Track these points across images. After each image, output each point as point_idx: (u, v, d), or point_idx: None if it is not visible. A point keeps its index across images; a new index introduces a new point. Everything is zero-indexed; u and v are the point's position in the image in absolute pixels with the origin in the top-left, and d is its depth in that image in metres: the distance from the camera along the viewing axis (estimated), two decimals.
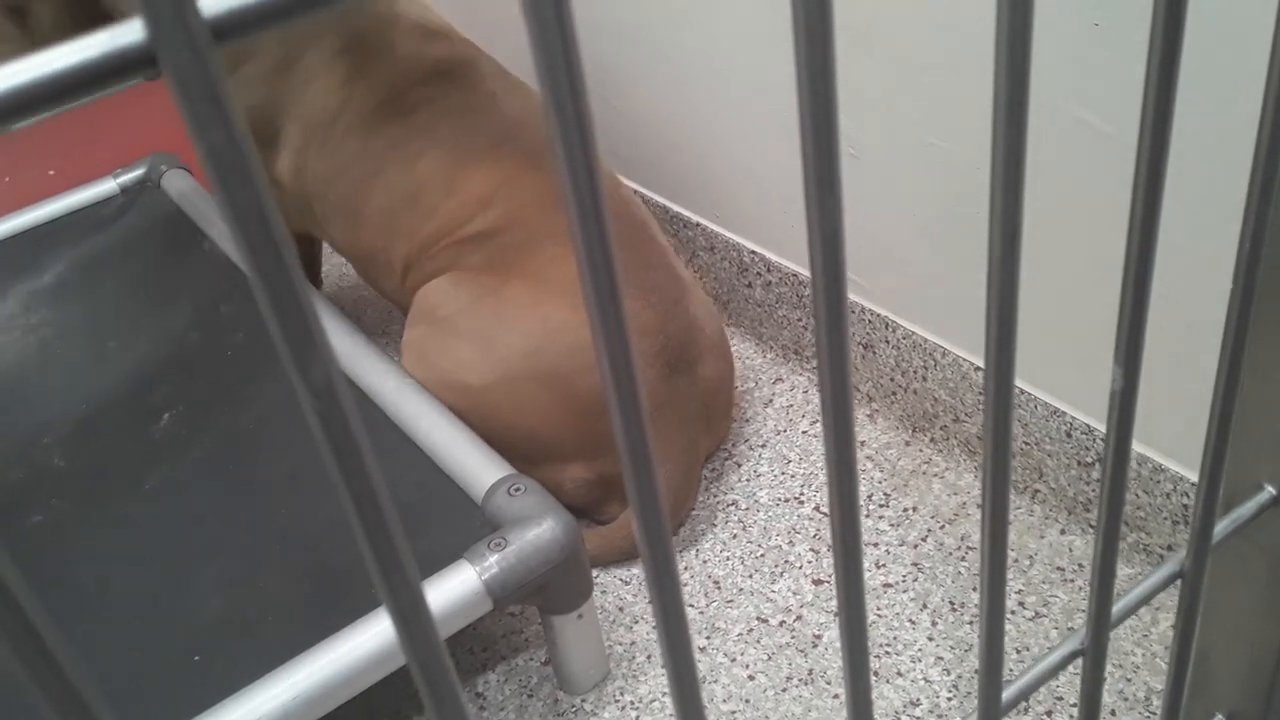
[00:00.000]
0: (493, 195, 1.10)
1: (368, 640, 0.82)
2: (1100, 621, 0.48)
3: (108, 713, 0.25)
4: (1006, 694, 0.49)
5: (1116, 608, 0.52)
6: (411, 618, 0.28)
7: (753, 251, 1.28)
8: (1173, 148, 0.81)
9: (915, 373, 1.16)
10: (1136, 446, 0.98)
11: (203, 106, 0.21)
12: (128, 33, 0.21)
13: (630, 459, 0.29)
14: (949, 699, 0.94)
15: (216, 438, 1.07)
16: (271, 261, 0.22)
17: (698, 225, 1.34)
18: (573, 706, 0.98)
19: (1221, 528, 0.56)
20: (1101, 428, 1.01)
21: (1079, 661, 0.50)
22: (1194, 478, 0.94)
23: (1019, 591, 1.02)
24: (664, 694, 0.97)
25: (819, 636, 1.01)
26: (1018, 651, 0.97)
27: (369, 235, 1.19)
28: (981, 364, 1.09)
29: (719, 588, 1.06)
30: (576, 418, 1.04)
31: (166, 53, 0.21)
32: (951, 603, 1.02)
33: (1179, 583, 0.54)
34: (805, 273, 1.22)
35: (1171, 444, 0.95)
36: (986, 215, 1.01)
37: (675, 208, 1.37)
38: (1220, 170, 0.81)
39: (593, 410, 1.03)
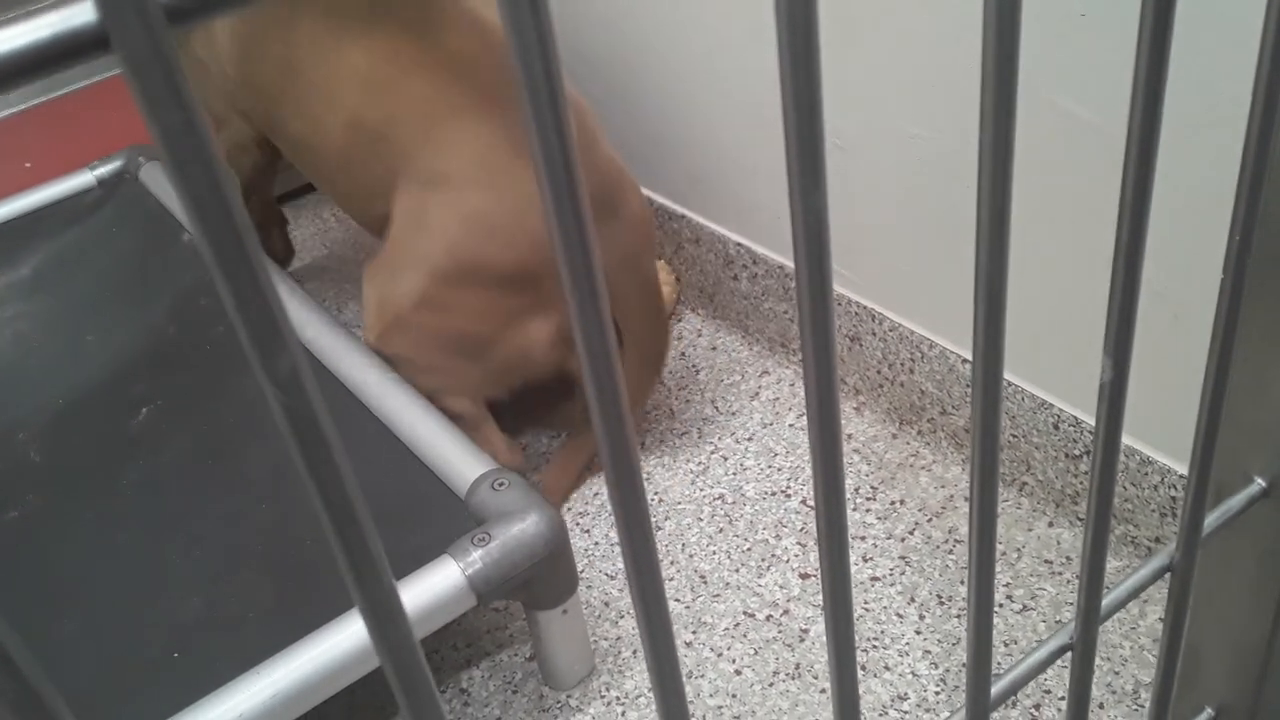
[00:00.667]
0: (374, 73, 1.05)
1: (348, 638, 0.81)
2: (1089, 616, 0.48)
3: (69, 714, 0.24)
4: (995, 688, 0.48)
5: (1105, 601, 0.51)
6: (383, 615, 0.27)
7: (738, 244, 1.28)
8: (1162, 139, 0.81)
9: (902, 365, 1.15)
10: (1125, 439, 0.97)
11: (157, 89, 0.20)
12: (79, 13, 0.20)
13: (608, 445, 0.28)
14: (937, 693, 0.93)
15: (196, 432, 1.06)
16: (232, 248, 0.21)
17: (683, 217, 1.33)
18: (558, 702, 0.97)
19: (1211, 520, 0.56)
20: (1089, 420, 1.00)
21: (1067, 655, 0.50)
22: (1182, 470, 0.93)
23: (1007, 584, 1.01)
24: (650, 689, 0.97)
25: (806, 630, 1.00)
26: (1005, 645, 0.97)
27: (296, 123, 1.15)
28: (969, 356, 1.08)
29: (705, 582, 1.06)
30: (511, 288, 1.04)
31: (119, 34, 0.20)
32: (939, 596, 1.01)
33: (1168, 576, 0.53)
34: (791, 265, 1.22)
35: (1160, 436, 0.95)
36: (974, 207, 1.00)
37: (660, 199, 1.36)
38: (1209, 161, 0.81)
39: (525, 277, 1.04)
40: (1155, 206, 0.84)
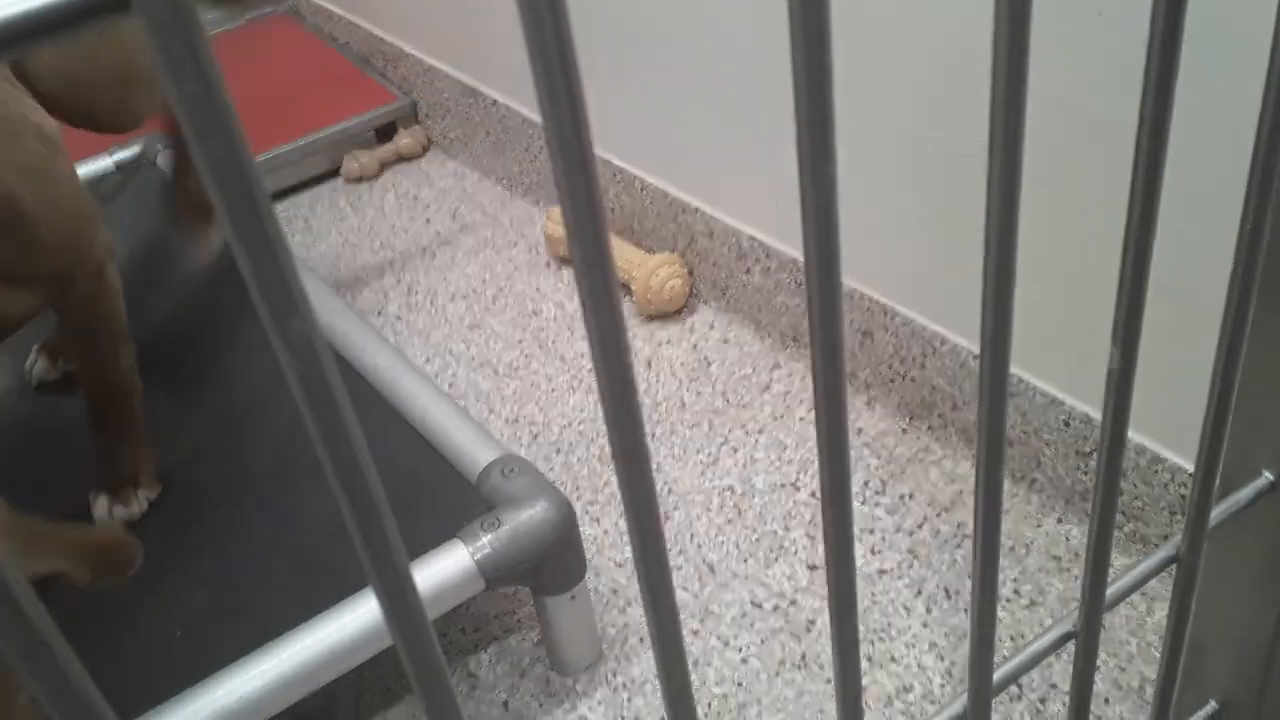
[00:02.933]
0: None
1: (357, 618, 0.81)
2: (1093, 603, 0.48)
3: (94, 689, 0.24)
4: (998, 674, 0.48)
5: (1110, 591, 0.51)
6: (394, 583, 0.28)
7: (751, 237, 1.28)
8: (1172, 130, 0.80)
9: (914, 360, 1.15)
10: (1135, 436, 0.97)
11: (177, 51, 0.20)
12: None
13: (618, 435, 0.28)
14: (942, 685, 0.94)
15: (213, 415, 1.07)
16: (249, 216, 0.22)
17: (696, 210, 1.33)
18: (564, 687, 0.97)
19: (1218, 513, 0.56)
20: (1100, 418, 1.00)
21: (1072, 645, 0.50)
22: (1192, 468, 0.93)
23: (1014, 579, 1.01)
24: (656, 676, 0.97)
25: (813, 622, 1.00)
26: (1012, 639, 0.97)
27: None
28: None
29: (713, 572, 1.06)
30: None
31: None
32: (946, 590, 1.02)
33: (1174, 568, 0.53)
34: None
35: (1170, 434, 0.95)
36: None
37: (674, 192, 1.36)
38: (1221, 153, 0.81)
39: None
40: (1165, 199, 0.84)
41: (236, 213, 0.22)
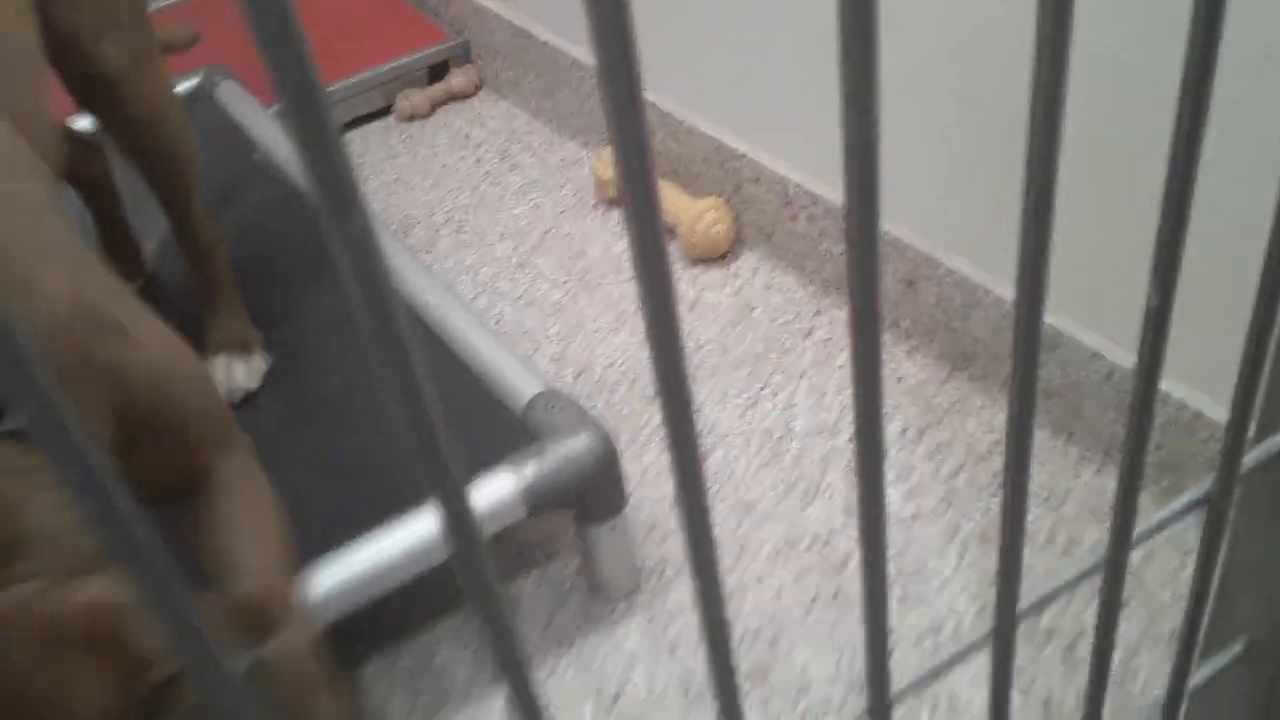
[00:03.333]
0: None
1: (415, 532, 0.84)
2: (1121, 536, 0.49)
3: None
4: (1024, 603, 0.49)
5: (1140, 529, 0.52)
6: (449, 495, 0.29)
7: (798, 184, 1.28)
8: (1216, 77, 0.79)
9: (956, 311, 1.15)
10: (1177, 391, 0.97)
11: None
12: None
13: (663, 374, 0.30)
14: (972, 626, 0.95)
15: (266, 345, 1.10)
16: (308, 105, 0.23)
17: (743, 156, 1.34)
18: (603, 613, 1.00)
19: (1252, 457, 0.56)
20: None
21: (1100, 584, 0.51)
22: None
23: (1050, 527, 1.02)
24: (691, 606, 0.99)
25: (846, 561, 1.02)
26: None
27: None
28: None
29: (750, 511, 1.08)
30: None
31: None
32: (980, 535, 1.03)
33: (1205, 512, 0.54)
34: None
35: (1213, 390, 0.95)
36: None
37: (721, 138, 1.36)
38: (1264, 98, 0.79)
39: None
40: (1206, 149, 0.83)
41: (296, 102, 0.23)
